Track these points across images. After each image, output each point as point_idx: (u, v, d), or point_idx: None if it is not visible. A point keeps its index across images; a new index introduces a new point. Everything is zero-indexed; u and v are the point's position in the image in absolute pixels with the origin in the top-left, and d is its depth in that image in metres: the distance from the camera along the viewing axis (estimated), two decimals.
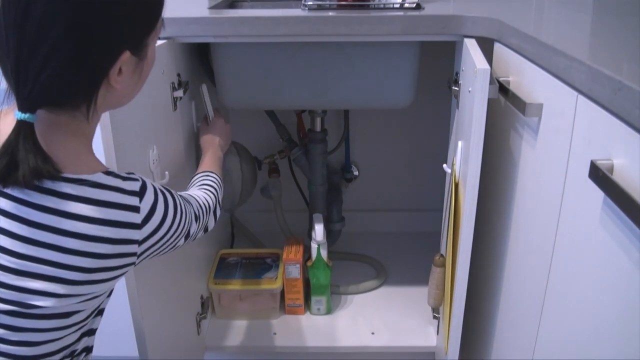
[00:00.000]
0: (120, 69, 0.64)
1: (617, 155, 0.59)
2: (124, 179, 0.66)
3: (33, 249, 0.61)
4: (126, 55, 0.63)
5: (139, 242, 0.67)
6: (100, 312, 0.74)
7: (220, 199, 0.98)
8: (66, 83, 0.60)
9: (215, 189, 0.98)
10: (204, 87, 1.27)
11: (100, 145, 0.78)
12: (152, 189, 0.69)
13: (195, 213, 0.83)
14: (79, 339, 0.70)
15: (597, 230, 0.63)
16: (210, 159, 1.13)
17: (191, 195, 0.87)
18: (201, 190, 0.95)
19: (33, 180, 0.59)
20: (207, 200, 0.91)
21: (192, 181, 1.02)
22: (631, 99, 0.55)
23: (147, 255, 0.71)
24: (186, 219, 0.77)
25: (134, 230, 0.66)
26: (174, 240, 0.75)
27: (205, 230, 0.90)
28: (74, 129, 0.64)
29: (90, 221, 0.62)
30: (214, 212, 0.93)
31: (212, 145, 1.18)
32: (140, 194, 0.67)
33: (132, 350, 0.95)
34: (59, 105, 0.62)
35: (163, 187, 0.74)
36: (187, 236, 0.79)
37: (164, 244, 0.72)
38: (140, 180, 0.68)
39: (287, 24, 1.08)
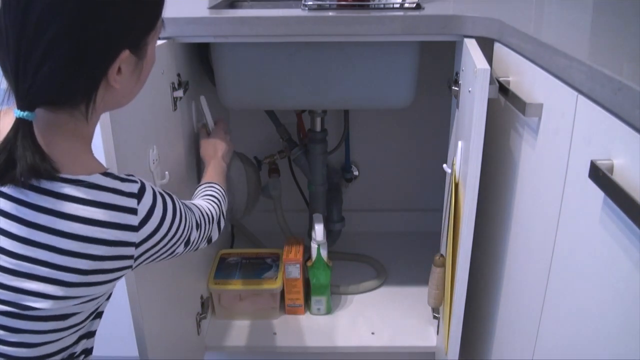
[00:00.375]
0: (119, 68, 0.63)
1: (617, 155, 0.59)
2: (123, 180, 0.66)
3: (30, 249, 0.61)
4: (125, 54, 0.63)
5: (136, 245, 0.67)
6: (98, 314, 0.73)
7: (224, 210, 0.97)
8: (65, 81, 0.60)
9: (218, 200, 0.96)
10: (203, 99, 1.27)
11: (100, 145, 0.78)
12: (151, 192, 0.69)
13: (196, 220, 0.82)
14: (77, 341, 0.70)
15: (597, 230, 0.63)
16: (213, 170, 1.11)
17: (193, 204, 0.86)
18: (204, 200, 0.93)
19: (30, 178, 0.59)
20: (210, 210, 0.89)
21: (195, 192, 1.01)
22: (631, 99, 0.55)
23: (145, 259, 0.70)
24: (186, 225, 0.76)
25: (131, 232, 0.66)
26: (172, 246, 0.74)
27: (209, 241, 0.89)
28: (73, 129, 0.64)
29: (86, 222, 0.62)
30: (218, 222, 0.92)
31: (215, 157, 1.16)
32: (139, 196, 0.67)
33: (132, 350, 0.95)
34: (58, 103, 0.62)
35: (164, 191, 0.73)
36: (187, 243, 0.78)
37: (161, 248, 0.72)
38: (139, 182, 0.68)
39: (287, 24, 1.08)
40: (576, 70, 0.68)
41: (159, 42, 1.04)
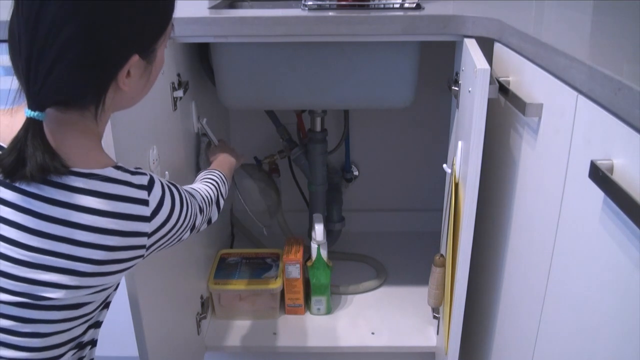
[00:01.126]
0: (128, 72, 0.65)
1: (617, 155, 0.59)
2: (133, 173, 0.68)
3: (44, 241, 0.62)
4: (135, 58, 0.64)
5: (148, 235, 0.69)
6: (106, 305, 0.75)
7: (223, 192, 1.00)
8: (75, 84, 0.61)
9: (217, 182, 1.00)
10: (204, 121, 1.30)
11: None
12: (160, 184, 0.71)
13: (199, 205, 0.85)
14: (85, 331, 0.72)
15: (597, 230, 0.63)
16: (216, 163, 1.16)
17: (194, 189, 0.89)
18: (203, 184, 0.97)
19: (40, 177, 0.60)
20: (209, 193, 0.93)
21: (196, 178, 1.04)
22: (631, 99, 0.55)
23: (156, 248, 0.72)
24: (191, 212, 0.79)
25: (144, 222, 0.67)
26: (180, 233, 0.77)
27: (209, 222, 0.92)
28: (83, 127, 0.65)
29: (100, 214, 0.63)
30: (217, 203, 0.95)
31: (222, 155, 1.21)
32: (149, 187, 0.69)
33: (132, 350, 0.95)
34: (68, 104, 0.63)
35: (169, 181, 0.76)
36: (192, 228, 0.81)
37: (171, 236, 0.74)
38: (148, 174, 0.70)
39: (287, 24, 1.08)
40: (576, 70, 0.68)
41: None
